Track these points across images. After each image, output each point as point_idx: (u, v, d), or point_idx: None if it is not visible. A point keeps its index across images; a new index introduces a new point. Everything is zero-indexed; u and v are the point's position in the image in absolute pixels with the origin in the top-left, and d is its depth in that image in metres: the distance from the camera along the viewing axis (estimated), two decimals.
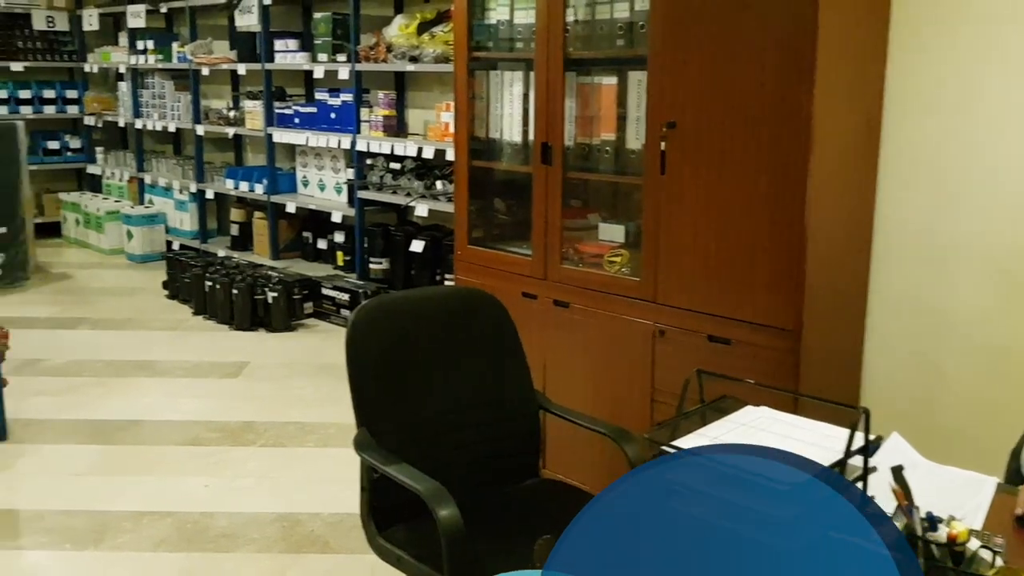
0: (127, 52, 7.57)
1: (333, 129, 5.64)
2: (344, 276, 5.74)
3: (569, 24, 3.20)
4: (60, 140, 8.43)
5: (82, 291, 6.48)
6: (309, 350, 5.17)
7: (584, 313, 3.19)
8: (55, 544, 3.06)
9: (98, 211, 7.64)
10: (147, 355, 5.04)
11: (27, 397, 4.31)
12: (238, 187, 6.52)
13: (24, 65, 8.06)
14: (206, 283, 5.65)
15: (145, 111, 7.55)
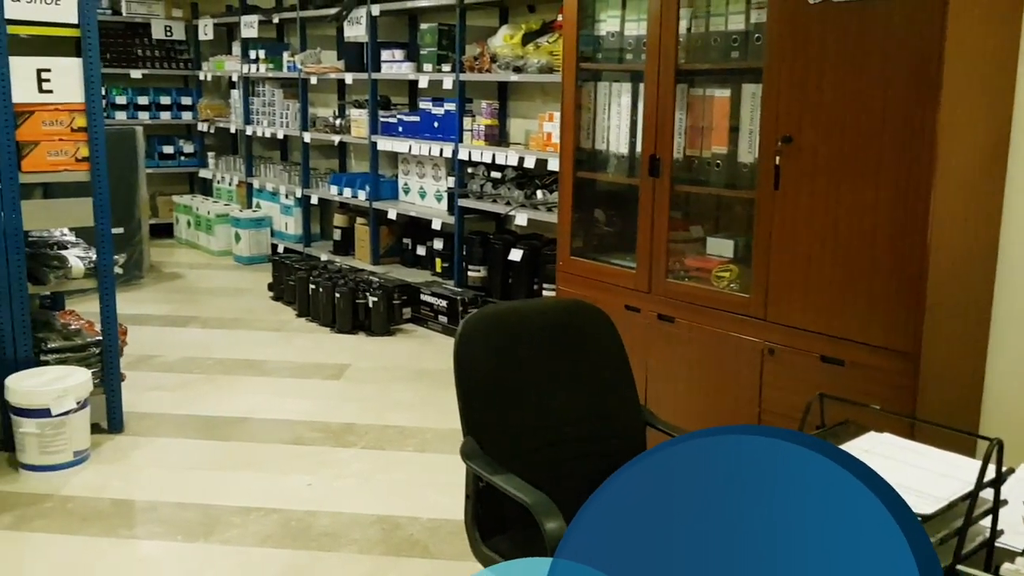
0: (240, 61, 7.86)
1: (436, 138, 5.72)
2: (442, 283, 5.81)
3: (681, 35, 3.17)
4: (174, 145, 8.79)
5: (192, 291, 6.74)
6: (407, 355, 5.25)
7: (689, 328, 3.15)
8: (168, 535, 3.18)
9: (208, 214, 7.94)
10: (254, 354, 5.19)
11: (142, 392, 4.50)
12: (342, 193, 6.68)
13: (143, 72, 8.45)
14: (310, 286, 5.80)
15: (255, 118, 7.81)
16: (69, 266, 3.95)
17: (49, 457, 3.61)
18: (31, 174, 3.79)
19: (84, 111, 3.84)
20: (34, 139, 3.76)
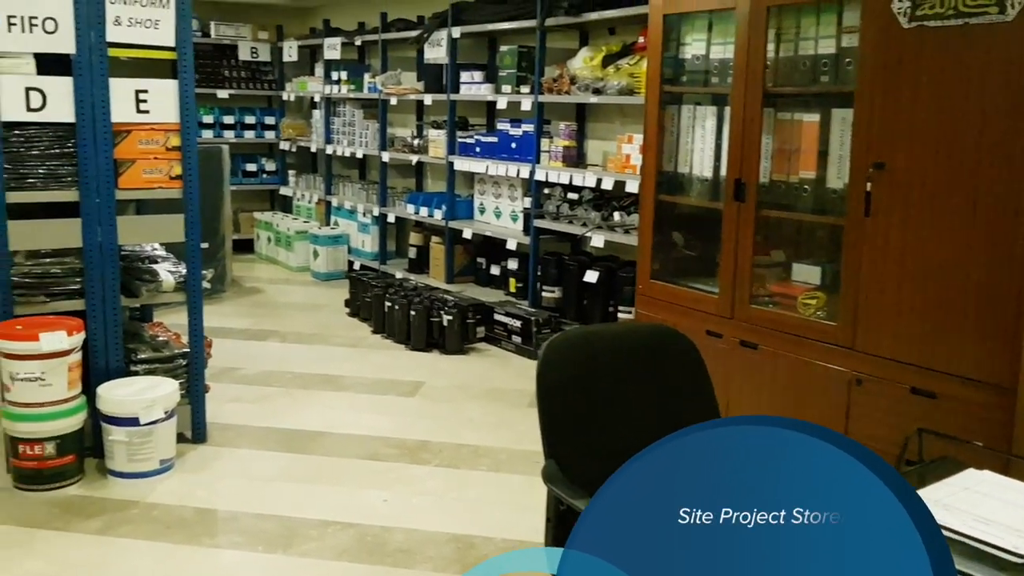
0: (322, 82, 8.05)
1: (513, 158, 5.76)
2: (516, 303, 5.83)
3: (768, 59, 3.14)
4: (257, 163, 9.04)
5: (272, 305, 6.90)
6: (481, 374, 5.27)
7: (773, 356, 3.10)
8: (248, 545, 3.24)
9: (288, 230, 8.13)
10: (331, 369, 5.28)
11: (224, 403, 4.61)
12: (418, 212, 6.77)
13: (229, 93, 8.71)
14: (385, 303, 5.88)
15: (335, 137, 7.99)
16: (160, 280, 4.08)
17: (136, 465, 3.72)
18: (127, 191, 3.93)
19: (178, 131, 3.97)
20: (131, 157, 3.90)
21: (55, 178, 3.78)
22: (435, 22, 6.39)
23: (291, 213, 8.80)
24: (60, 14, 3.65)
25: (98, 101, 3.76)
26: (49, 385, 3.60)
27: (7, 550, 3.17)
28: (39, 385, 3.59)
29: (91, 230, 3.83)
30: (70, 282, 3.90)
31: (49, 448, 3.60)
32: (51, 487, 3.61)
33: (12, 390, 3.59)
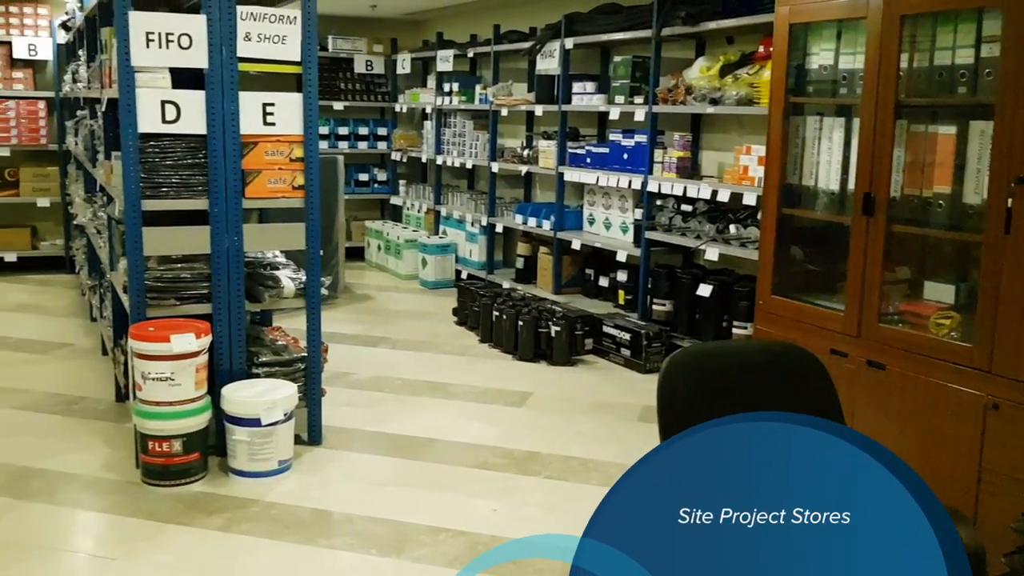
0: (434, 93, 8.19)
1: (625, 169, 5.72)
2: (625, 315, 5.78)
3: (901, 69, 3.02)
4: (369, 173, 9.26)
5: (382, 312, 7.04)
6: (589, 386, 5.24)
7: (902, 377, 2.97)
8: (362, 548, 3.30)
9: (398, 239, 8.29)
10: (439, 377, 5.35)
11: (338, 407, 4.72)
12: (526, 222, 6.80)
13: (344, 104, 8.96)
14: (493, 313, 5.92)
15: (446, 148, 8.11)
16: (282, 286, 4.21)
17: (257, 464, 3.84)
18: (253, 200, 4.08)
19: (302, 142, 4.10)
20: (257, 168, 4.04)
21: (187, 187, 3.95)
22: (548, 33, 6.42)
23: (401, 222, 8.98)
24: (195, 31, 3.82)
25: (228, 114, 3.92)
26: (178, 385, 3.76)
27: (138, 543, 3.32)
28: (168, 385, 3.75)
29: (219, 237, 3.99)
30: (198, 287, 4.07)
31: (176, 445, 3.76)
32: (177, 483, 3.77)
33: (143, 389, 3.77)
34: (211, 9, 3.84)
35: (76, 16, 6.51)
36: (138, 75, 3.78)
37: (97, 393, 4.91)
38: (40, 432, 4.38)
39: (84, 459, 4.04)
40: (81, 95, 6.31)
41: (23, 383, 5.06)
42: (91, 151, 5.58)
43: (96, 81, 5.11)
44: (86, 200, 6.18)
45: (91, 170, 5.61)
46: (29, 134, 8.10)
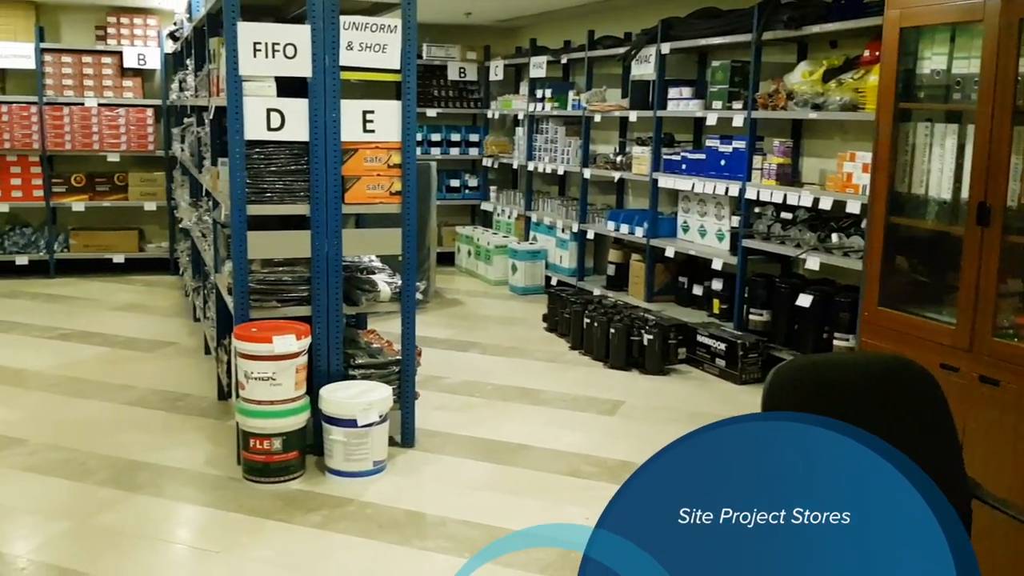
0: (526, 100, 8.22)
1: (722, 176, 5.63)
2: (720, 324, 5.67)
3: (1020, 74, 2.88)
4: (460, 179, 9.35)
5: (472, 317, 7.10)
6: (682, 396, 5.17)
7: (1018, 394, 2.83)
8: (456, 551, 3.32)
9: (488, 244, 8.35)
10: (530, 383, 5.35)
11: (430, 410, 4.77)
12: (618, 229, 6.75)
13: (437, 111, 9.07)
14: (584, 320, 5.89)
15: (537, 154, 8.13)
16: (378, 290, 4.29)
17: (352, 464, 3.92)
18: (352, 205, 4.16)
19: (400, 149, 4.17)
20: (356, 174, 4.13)
21: (289, 192, 4.06)
22: (643, 38, 6.37)
23: (491, 228, 9.03)
24: (300, 40, 3.93)
25: (330, 121, 4.01)
26: (279, 384, 3.86)
27: (240, 536, 3.42)
28: (270, 384, 3.86)
29: (319, 241, 4.08)
30: (299, 289, 4.17)
31: (276, 444, 3.86)
32: (276, 480, 3.87)
33: (246, 388, 3.88)
34: (316, 19, 3.93)
35: (184, 26, 6.77)
36: (245, 84, 3.90)
37: (200, 391, 5.08)
38: (146, 427, 4.56)
39: (188, 454, 4.18)
40: (188, 103, 6.55)
41: (131, 380, 5.28)
42: (197, 157, 5.79)
43: (204, 90, 5.29)
44: (191, 204, 6.41)
45: (197, 175, 5.82)
46: (138, 140, 8.46)
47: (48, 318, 6.73)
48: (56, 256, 8.29)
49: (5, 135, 8.07)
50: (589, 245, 7.60)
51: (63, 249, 8.38)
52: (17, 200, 8.20)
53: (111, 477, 3.92)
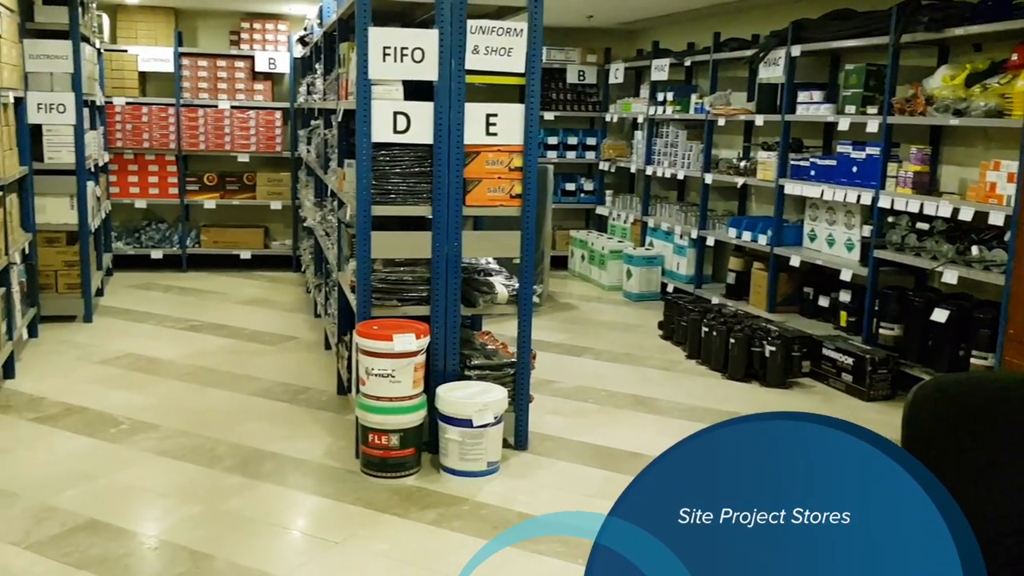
0: (646, 103, 8.13)
1: (853, 183, 5.41)
2: (847, 338, 5.45)
3: None
4: (576, 182, 9.33)
5: (585, 322, 7.05)
6: (805, 411, 4.98)
7: None
8: (570, 556, 3.28)
9: (603, 249, 8.28)
10: (644, 391, 5.27)
11: (543, 414, 4.75)
12: (740, 236, 6.59)
13: (555, 115, 9.07)
14: (702, 328, 5.77)
15: (656, 158, 8.02)
16: (496, 292, 4.30)
17: (467, 464, 3.94)
18: (473, 207, 4.19)
19: (522, 152, 4.17)
20: (478, 176, 4.15)
21: (412, 194, 4.12)
22: (773, 40, 6.19)
23: (606, 232, 8.96)
24: (427, 44, 3.98)
25: (454, 124, 4.05)
26: (398, 382, 3.92)
27: (359, 529, 3.49)
28: (389, 381, 3.92)
29: (440, 243, 4.13)
30: (418, 289, 4.23)
31: (394, 440, 3.92)
32: (393, 476, 3.93)
33: (367, 383, 3.96)
34: (443, 23, 3.98)
35: (314, 31, 6.99)
36: (374, 87, 3.98)
37: (320, 384, 5.23)
38: (270, 418, 4.71)
39: (309, 446, 4.30)
40: (315, 106, 6.76)
41: (256, 371, 5.47)
42: (323, 159, 5.96)
43: (332, 93, 5.45)
44: (315, 204, 6.61)
45: (322, 176, 5.99)
46: (266, 142, 8.79)
47: (180, 310, 7.07)
48: (188, 251, 8.70)
49: (144, 135, 8.52)
50: (708, 252, 7.44)
51: (194, 244, 8.79)
52: (154, 197, 8.64)
53: (238, 464, 4.06)
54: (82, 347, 5.87)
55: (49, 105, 6.17)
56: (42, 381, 5.14)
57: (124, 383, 5.19)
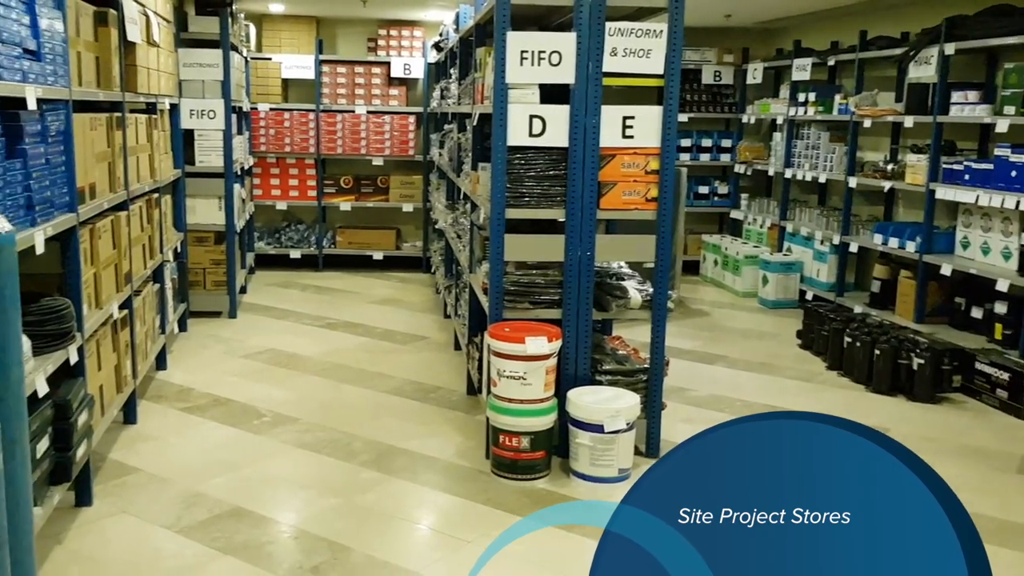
0: (786, 104, 7.86)
1: (1012, 188, 5.06)
2: (1003, 352, 5.11)
3: None
4: (709, 185, 9.12)
5: (718, 329, 6.88)
6: (955, 428, 4.70)
7: None
8: None
9: (737, 254, 8.06)
10: (782, 402, 5.09)
11: (676, 423, 4.65)
12: (886, 243, 6.28)
13: (689, 116, 8.89)
14: (845, 339, 5.52)
15: (796, 161, 7.74)
16: (629, 297, 4.24)
17: (597, 469, 3.90)
18: (607, 211, 4.15)
19: (658, 155, 4.10)
20: (613, 180, 4.11)
21: (546, 197, 4.12)
22: (924, 38, 5.87)
23: (740, 237, 8.73)
24: (565, 48, 3.97)
25: (590, 127, 4.02)
26: (529, 384, 3.92)
27: (490, 529, 3.50)
28: (521, 384, 3.93)
29: (573, 246, 4.10)
30: (550, 292, 4.22)
31: (524, 442, 3.92)
32: (523, 478, 3.93)
33: (498, 385, 3.98)
34: (581, 26, 3.96)
35: (449, 37, 7.10)
36: (511, 91, 4.00)
37: (450, 384, 5.29)
38: (402, 415, 4.80)
39: (440, 444, 4.36)
40: (449, 110, 6.86)
41: (388, 369, 5.60)
42: (456, 162, 6.04)
43: (467, 97, 5.51)
44: (447, 207, 6.71)
45: (455, 179, 6.07)
46: (400, 146, 9.00)
47: (316, 308, 7.31)
48: (324, 251, 9.00)
49: (286, 140, 8.87)
50: (850, 258, 7.12)
51: (330, 245, 9.09)
52: (294, 199, 8.98)
53: (373, 460, 4.16)
54: (227, 341, 6.15)
55: (200, 111, 6.51)
56: (191, 373, 5.41)
57: (266, 377, 5.41)
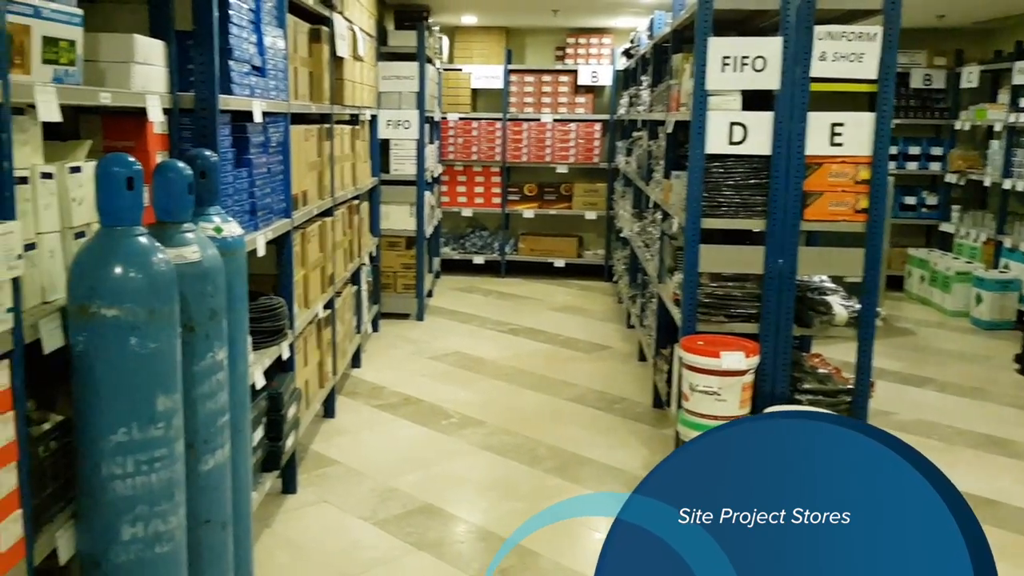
0: (1006, 109, 7.24)
1: None
2: None
3: None
4: (917, 196, 8.54)
5: (925, 350, 6.41)
6: None
7: None
8: None
9: (947, 270, 7.49)
10: (999, 431, 4.67)
11: None
12: None
13: (895, 122, 8.33)
14: None
15: (1016, 171, 7.11)
16: (833, 313, 4.01)
17: None
18: (811, 222, 3.94)
19: (869, 164, 3.85)
20: (819, 189, 3.90)
21: (745, 207, 3.96)
22: None
23: (950, 251, 8.10)
24: (770, 53, 3.81)
25: (795, 134, 3.84)
26: (724, 400, 3.78)
27: None
28: (715, 399, 3.79)
29: (774, 258, 3.93)
30: (747, 306, 4.05)
31: None
32: None
33: (690, 400, 3.86)
34: (788, 30, 3.79)
35: (641, 43, 7.02)
36: (711, 98, 3.88)
37: (635, 396, 5.21)
38: (586, 424, 4.77)
39: (625, 456, 4.29)
40: (639, 117, 6.77)
41: (570, 377, 5.59)
42: (645, 170, 5.95)
43: (660, 104, 5.42)
44: (634, 215, 6.62)
45: (643, 188, 5.98)
46: (584, 153, 8.99)
47: (499, 313, 7.42)
48: (507, 258, 9.13)
49: (473, 148, 9.08)
50: None
51: (513, 251, 9.21)
52: (479, 206, 9.17)
53: (558, 467, 4.15)
54: (415, 343, 6.35)
55: (396, 122, 6.77)
56: (382, 372, 5.62)
57: (452, 379, 5.53)
